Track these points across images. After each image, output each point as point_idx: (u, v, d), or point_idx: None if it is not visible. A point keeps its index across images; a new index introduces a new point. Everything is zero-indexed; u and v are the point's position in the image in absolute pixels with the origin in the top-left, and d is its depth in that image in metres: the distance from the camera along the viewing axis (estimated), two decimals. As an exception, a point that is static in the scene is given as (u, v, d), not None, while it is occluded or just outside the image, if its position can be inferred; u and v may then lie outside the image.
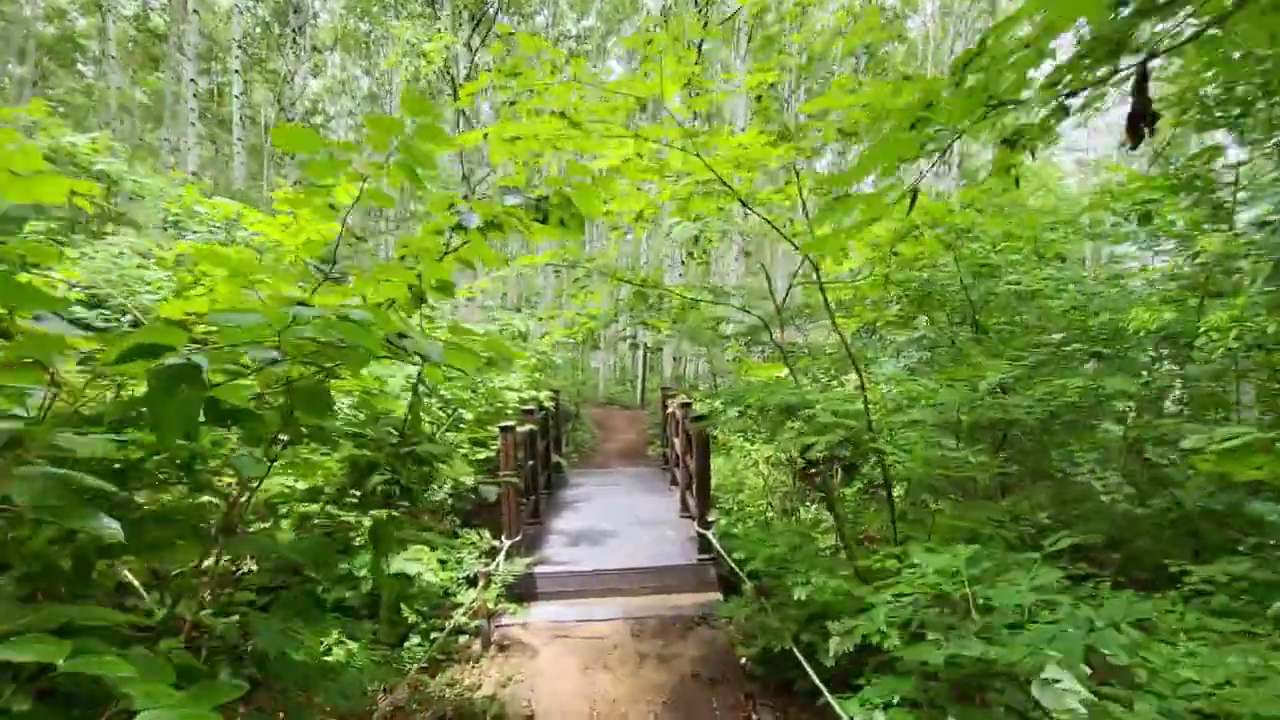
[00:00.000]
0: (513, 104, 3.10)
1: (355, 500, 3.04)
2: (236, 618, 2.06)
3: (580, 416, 14.17)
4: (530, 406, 6.81)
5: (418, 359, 1.43)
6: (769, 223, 3.67)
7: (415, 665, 3.67)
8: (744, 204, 3.58)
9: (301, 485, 3.16)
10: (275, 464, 1.70)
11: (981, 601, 2.10)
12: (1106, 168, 5.19)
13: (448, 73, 13.75)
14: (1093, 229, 6.60)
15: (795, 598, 2.96)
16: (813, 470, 8.79)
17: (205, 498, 1.95)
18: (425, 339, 1.38)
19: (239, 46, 15.10)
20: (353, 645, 3.57)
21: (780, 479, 7.93)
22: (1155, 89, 1.57)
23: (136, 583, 2.06)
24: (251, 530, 3.47)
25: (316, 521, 2.77)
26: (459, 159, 9.10)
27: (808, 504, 7.88)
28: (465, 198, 10.17)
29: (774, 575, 3.88)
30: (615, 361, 25.26)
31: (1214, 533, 4.34)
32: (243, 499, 2.24)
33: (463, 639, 4.50)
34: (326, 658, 3.55)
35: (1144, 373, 4.37)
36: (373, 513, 1.97)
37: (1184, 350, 4.99)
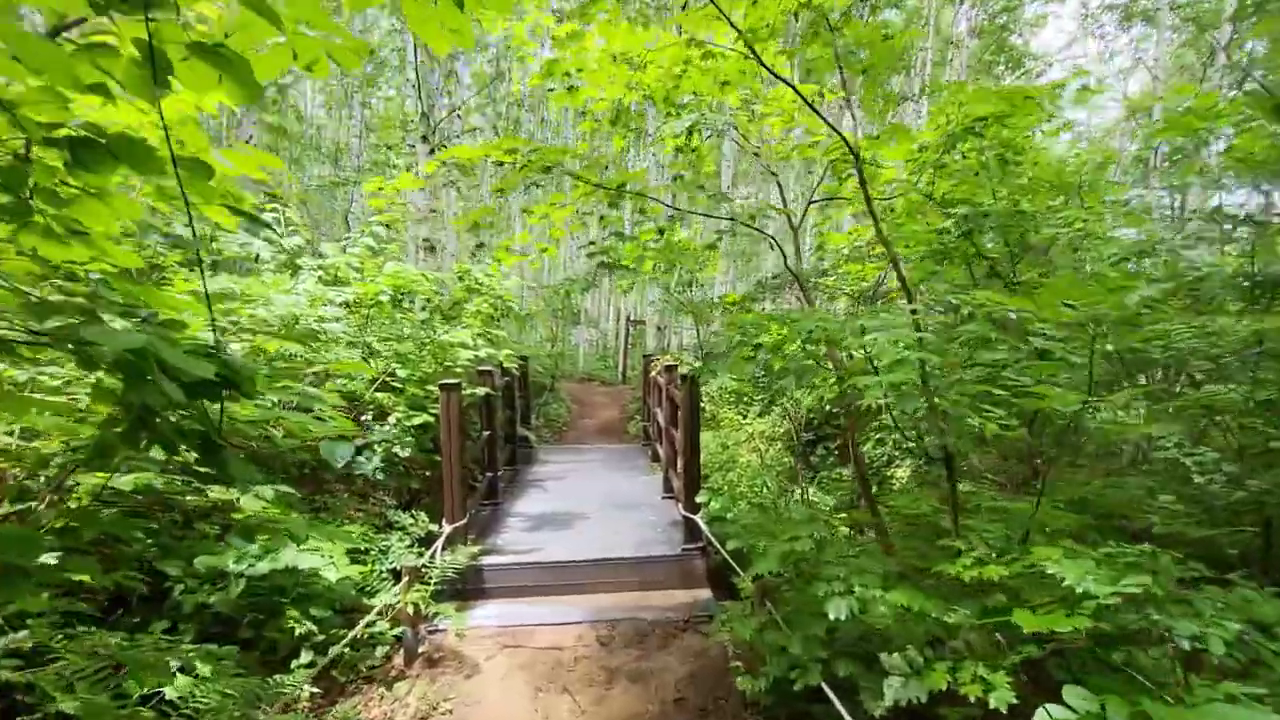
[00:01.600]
0: None
1: (209, 473, 1.95)
2: None
3: (556, 390, 13.15)
4: (488, 367, 5.78)
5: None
6: (795, 90, 2.65)
7: (292, 695, 2.66)
8: (758, 59, 2.55)
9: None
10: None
11: None
12: (1175, 90, 4.24)
13: None
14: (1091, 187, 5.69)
15: (831, 616, 2.00)
16: (811, 449, 7.88)
17: None
18: None
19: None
20: (205, 669, 2.56)
21: (777, 455, 7.02)
22: None
23: None
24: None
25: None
26: (414, 88, 7.80)
27: (803, 483, 6.98)
28: (424, 138, 8.90)
29: (785, 576, 2.93)
30: (597, 338, 24.26)
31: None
32: None
33: (382, 651, 3.50)
34: (167, 687, 2.53)
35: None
36: None
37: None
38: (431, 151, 8.95)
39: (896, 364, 2.00)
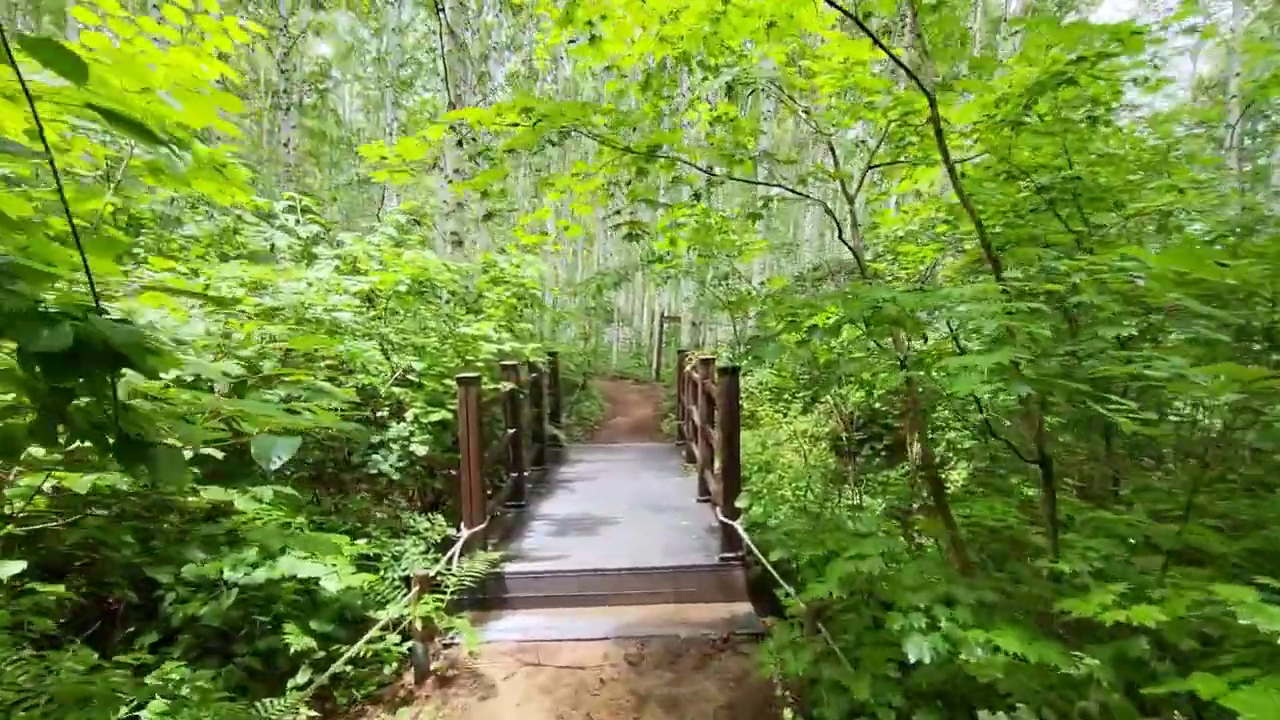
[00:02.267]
0: None
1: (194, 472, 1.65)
2: None
3: (588, 388, 12.85)
4: (513, 362, 5.47)
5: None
6: (857, 21, 2.23)
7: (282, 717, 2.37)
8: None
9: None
10: None
11: None
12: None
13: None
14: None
15: (912, 659, 1.59)
16: (857, 449, 7.36)
17: None
18: None
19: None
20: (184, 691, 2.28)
21: (821, 456, 6.54)
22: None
23: None
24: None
25: None
26: (443, 81, 7.58)
27: (854, 487, 6.48)
28: (459, 142, 8.73)
29: (847, 598, 2.50)
30: (630, 336, 24.00)
31: None
32: None
33: (390, 668, 3.19)
34: (143, 712, 2.26)
35: None
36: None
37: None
38: (460, 143, 8.74)
39: (995, 343, 1.58)
